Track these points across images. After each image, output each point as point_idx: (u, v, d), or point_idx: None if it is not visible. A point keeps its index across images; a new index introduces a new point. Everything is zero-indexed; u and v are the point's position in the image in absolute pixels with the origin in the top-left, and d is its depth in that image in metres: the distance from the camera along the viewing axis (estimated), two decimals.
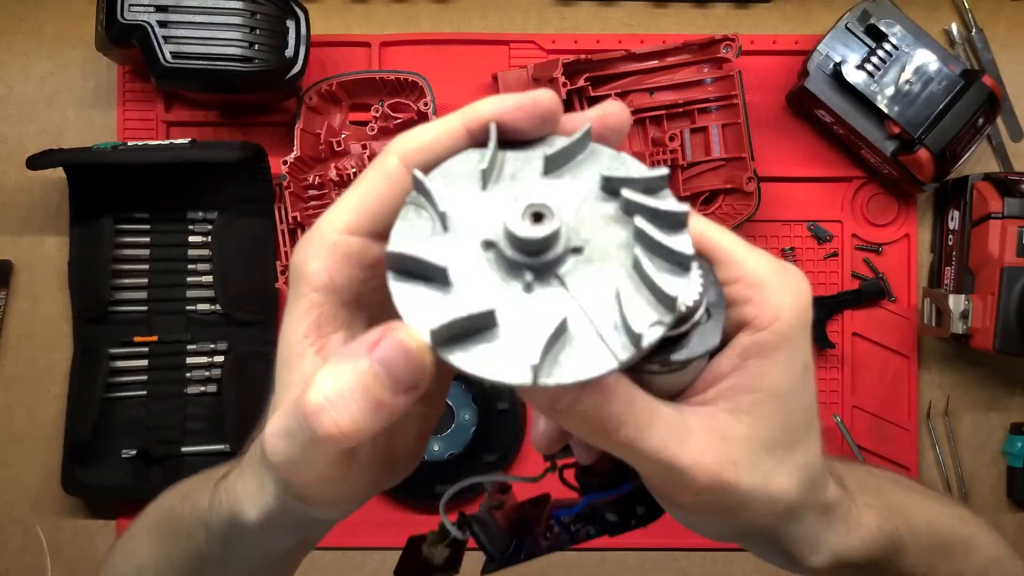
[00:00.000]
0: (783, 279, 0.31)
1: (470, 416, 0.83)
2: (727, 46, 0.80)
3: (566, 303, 0.27)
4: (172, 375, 0.83)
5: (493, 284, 0.27)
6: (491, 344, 0.26)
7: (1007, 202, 0.78)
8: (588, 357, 0.26)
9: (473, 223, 0.28)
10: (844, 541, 0.34)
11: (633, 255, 0.27)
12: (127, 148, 0.78)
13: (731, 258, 0.31)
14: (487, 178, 0.29)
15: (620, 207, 0.28)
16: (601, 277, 0.27)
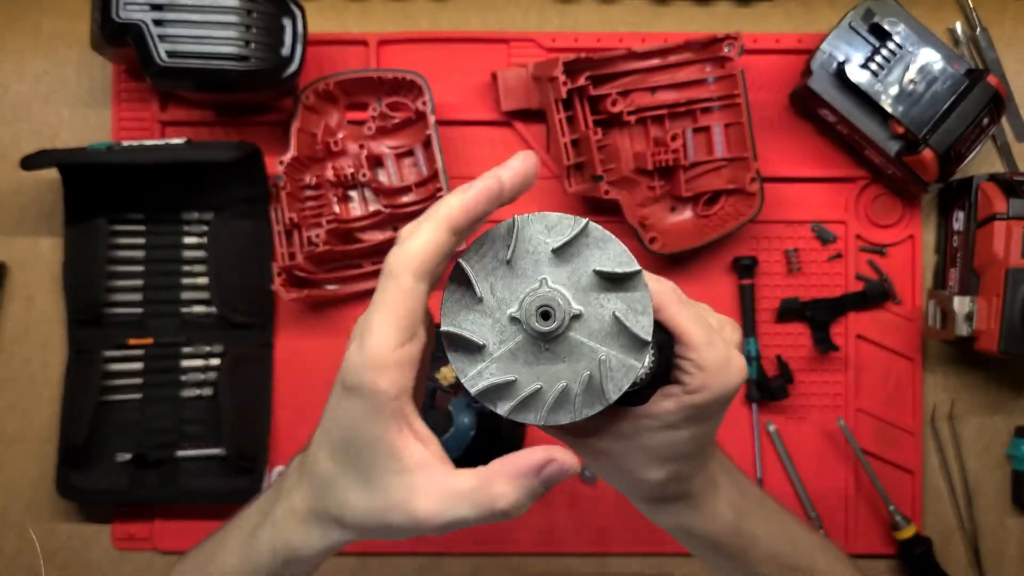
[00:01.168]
0: (721, 372, 0.44)
1: (468, 421, 0.82)
2: (729, 45, 0.79)
3: (563, 371, 0.41)
4: (167, 378, 0.82)
5: (519, 351, 0.41)
6: (517, 398, 0.41)
7: (1012, 203, 0.77)
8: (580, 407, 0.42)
9: (502, 300, 0.41)
10: (692, 519, 0.50)
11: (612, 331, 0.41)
12: (122, 148, 0.77)
13: (692, 345, 0.44)
14: (511, 263, 0.41)
15: (604, 288, 0.41)
16: (587, 347, 0.41)
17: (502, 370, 0.41)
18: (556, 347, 0.41)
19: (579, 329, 0.41)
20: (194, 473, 0.82)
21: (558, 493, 0.84)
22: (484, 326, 0.41)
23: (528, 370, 0.41)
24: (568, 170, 0.80)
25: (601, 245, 0.41)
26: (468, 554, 0.85)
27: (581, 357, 0.41)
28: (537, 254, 0.41)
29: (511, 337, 0.41)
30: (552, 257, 0.41)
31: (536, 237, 0.41)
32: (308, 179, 0.82)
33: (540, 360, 0.41)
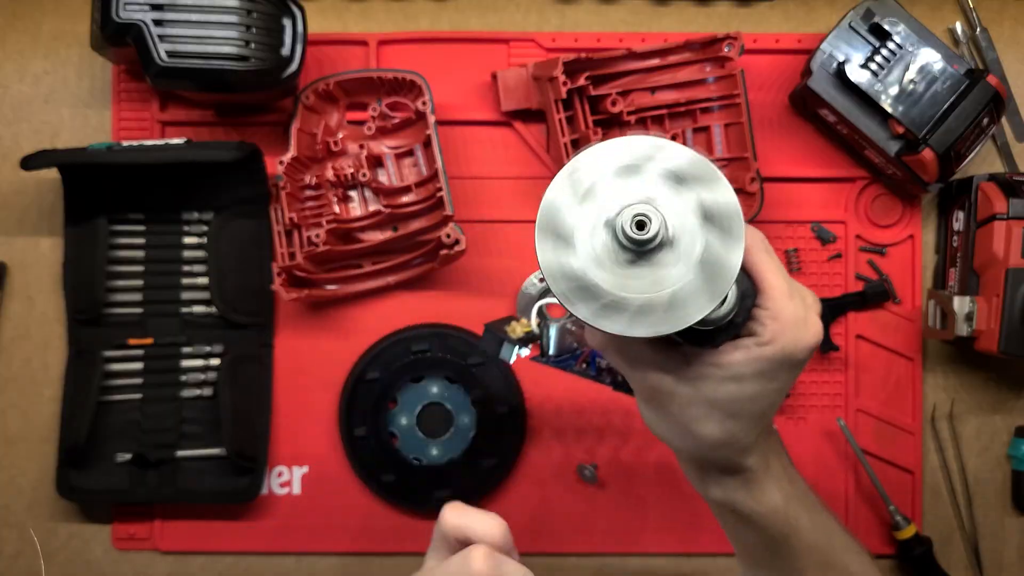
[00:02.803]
0: (797, 328, 0.44)
1: (469, 420, 0.82)
2: (729, 45, 0.79)
3: (650, 285, 0.41)
4: (167, 378, 0.82)
5: (607, 257, 0.41)
6: (596, 300, 0.41)
7: (1012, 203, 0.77)
8: (660, 322, 0.41)
9: (603, 202, 0.41)
10: (740, 496, 0.51)
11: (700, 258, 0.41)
12: (122, 148, 0.77)
13: (772, 295, 0.44)
14: (621, 174, 0.42)
15: (701, 217, 0.41)
16: (677, 266, 0.41)
17: (587, 269, 0.41)
18: (644, 262, 0.41)
19: (670, 249, 0.41)
20: (194, 473, 0.82)
21: (559, 492, 0.84)
22: (580, 223, 0.41)
23: (612, 278, 0.41)
24: None
25: (709, 180, 0.41)
26: None
27: (667, 276, 0.41)
28: (643, 172, 0.41)
29: (602, 240, 0.41)
30: (661, 179, 0.41)
31: (646, 156, 0.42)
32: (308, 179, 0.82)
33: (626, 271, 0.41)
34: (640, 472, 0.84)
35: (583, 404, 0.85)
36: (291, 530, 0.84)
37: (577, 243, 0.41)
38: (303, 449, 0.84)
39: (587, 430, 0.85)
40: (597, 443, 0.85)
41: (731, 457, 0.49)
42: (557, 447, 0.85)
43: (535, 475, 0.85)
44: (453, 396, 0.82)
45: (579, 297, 0.41)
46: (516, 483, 0.85)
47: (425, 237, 0.82)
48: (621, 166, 0.42)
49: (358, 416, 0.82)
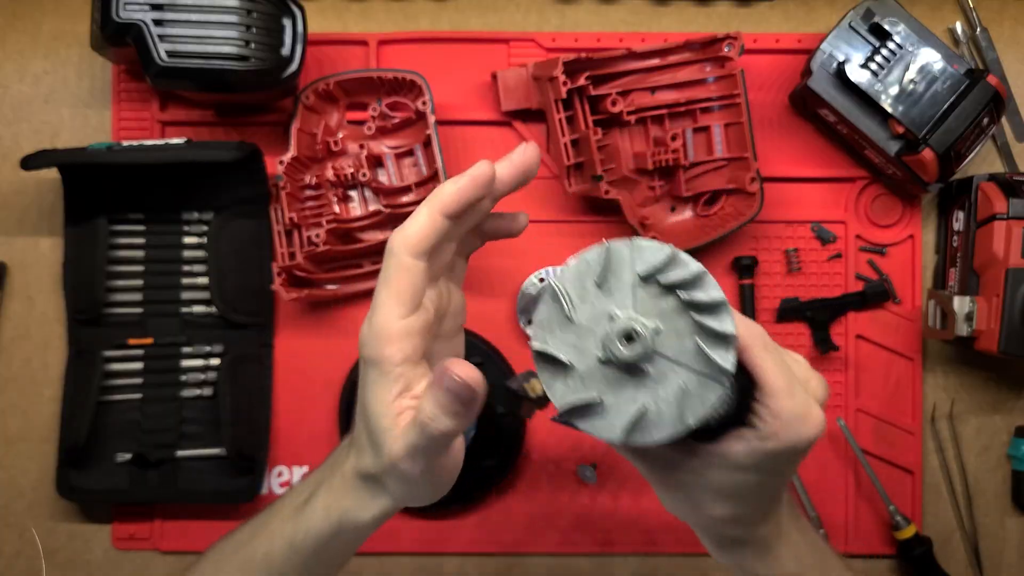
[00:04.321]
0: (797, 424, 0.44)
1: None
2: (729, 45, 0.79)
3: (645, 394, 0.42)
4: (167, 378, 0.82)
5: (604, 373, 0.42)
6: (599, 416, 0.43)
7: (1012, 203, 0.77)
8: (657, 431, 0.42)
9: (590, 323, 0.42)
10: (755, 565, 0.52)
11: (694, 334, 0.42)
12: (122, 148, 0.77)
13: (771, 393, 0.44)
14: (601, 287, 0.43)
15: (690, 316, 0.42)
16: (670, 373, 0.42)
17: (587, 389, 0.42)
18: (639, 372, 0.42)
19: (662, 356, 0.42)
20: (194, 473, 0.82)
21: (559, 493, 0.84)
22: (572, 346, 0.43)
23: (611, 391, 0.42)
24: (568, 170, 0.80)
25: (688, 274, 0.42)
26: (467, 553, 0.85)
27: (663, 383, 0.42)
28: (625, 279, 0.42)
29: (597, 359, 0.42)
30: (640, 283, 0.42)
31: (626, 263, 0.42)
32: (308, 179, 0.82)
33: (623, 382, 0.42)
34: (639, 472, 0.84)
35: None
36: None
37: (574, 366, 0.43)
38: (303, 449, 0.84)
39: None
40: (596, 443, 0.85)
41: (743, 532, 0.51)
42: (557, 447, 0.85)
43: (535, 475, 0.85)
44: None
45: (578, 415, 0.43)
46: (516, 483, 0.85)
47: None
48: (600, 277, 0.43)
49: None
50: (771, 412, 0.44)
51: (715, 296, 0.41)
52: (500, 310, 0.84)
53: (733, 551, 0.52)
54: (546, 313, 0.43)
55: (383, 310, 0.45)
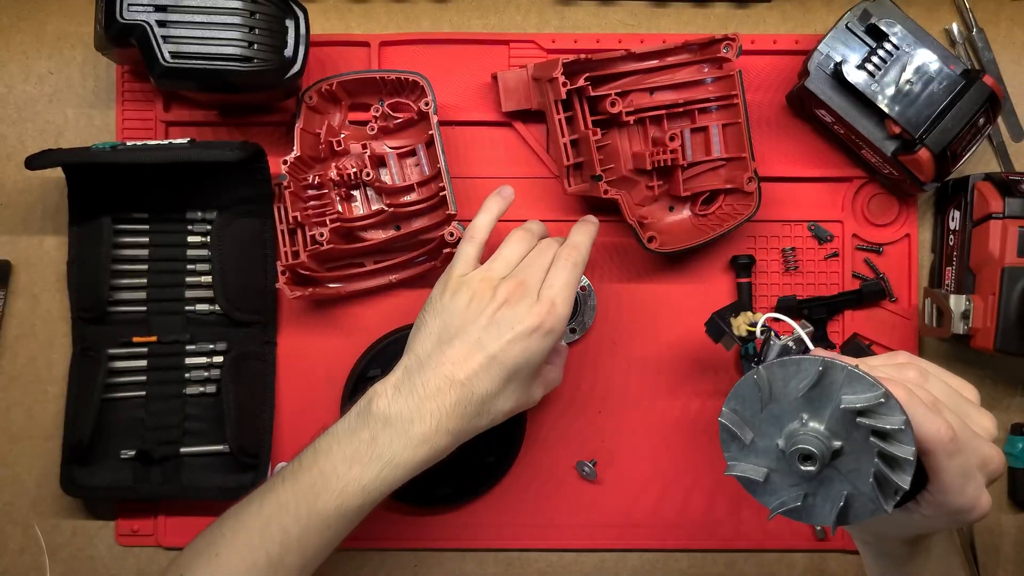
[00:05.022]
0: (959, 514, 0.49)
1: None
2: (727, 46, 0.80)
3: (808, 487, 0.48)
4: (171, 375, 0.83)
5: (776, 459, 0.48)
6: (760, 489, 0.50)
7: (1008, 202, 0.78)
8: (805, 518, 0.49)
9: (780, 411, 0.48)
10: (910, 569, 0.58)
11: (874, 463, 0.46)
12: (126, 148, 0.78)
13: (941, 489, 0.48)
14: (765, 404, 0.48)
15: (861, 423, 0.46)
16: (836, 482, 0.47)
17: (758, 465, 0.49)
18: (814, 480, 0.48)
19: (836, 469, 0.47)
20: (197, 470, 0.83)
21: (559, 489, 0.85)
22: (760, 424, 0.49)
23: (779, 474, 0.48)
24: (568, 170, 0.81)
25: (891, 425, 0.45)
26: (467, 549, 0.85)
27: (827, 485, 0.47)
28: (829, 398, 0.47)
29: (777, 446, 0.49)
30: (804, 399, 0.47)
31: (836, 385, 0.46)
32: (311, 179, 0.82)
33: (792, 473, 0.48)
34: (639, 469, 0.85)
35: (583, 401, 0.85)
36: None
37: (753, 442, 0.48)
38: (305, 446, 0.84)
39: (586, 427, 0.85)
40: (596, 440, 0.85)
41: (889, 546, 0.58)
42: (557, 444, 0.85)
43: (535, 472, 0.85)
44: None
45: (743, 482, 0.49)
46: (516, 479, 0.85)
47: (427, 236, 0.82)
48: (808, 386, 0.47)
49: None
50: (938, 503, 0.49)
51: (907, 454, 0.45)
52: None
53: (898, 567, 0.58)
54: (746, 392, 0.48)
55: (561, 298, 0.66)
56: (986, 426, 0.51)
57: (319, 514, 0.60)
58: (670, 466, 0.85)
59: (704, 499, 0.85)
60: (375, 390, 0.65)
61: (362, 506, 0.62)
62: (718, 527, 0.85)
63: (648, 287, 0.86)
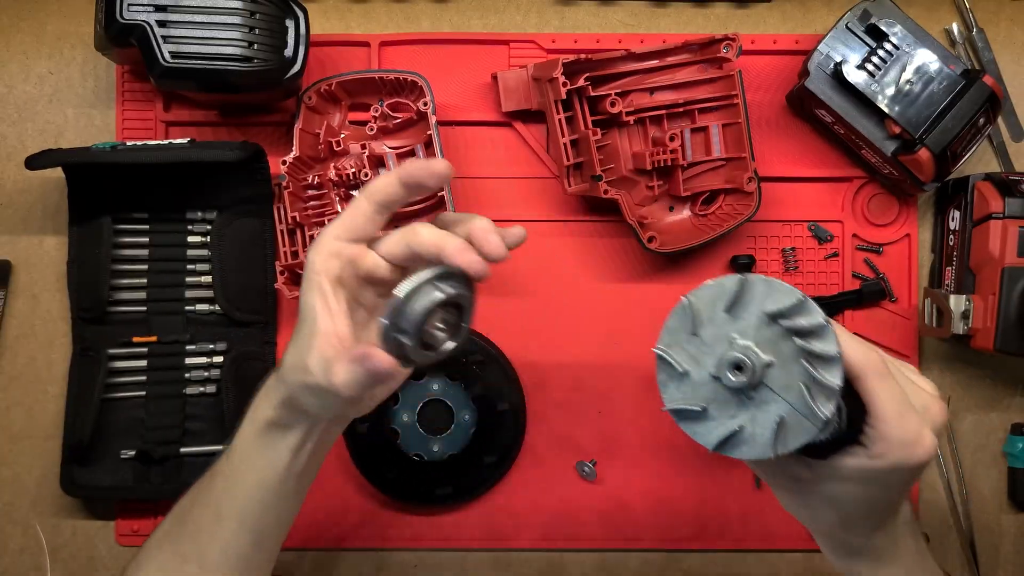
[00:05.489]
0: (905, 448, 0.48)
1: (469, 417, 0.83)
2: (727, 46, 0.80)
3: (744, 416, 0.46)
4: (171, 375, 0.83)
5: (712, 389, 0.47)
6: (699, 423, 0.47)
7: (1008, 202, 0.78)
8: (745, 451, 0.47)
9: (711, 340, 0.47)
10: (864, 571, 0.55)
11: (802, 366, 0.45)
12: (126, 148, 0.78)
13: (881, 418, 0.47)
14: (695, 329, 0.47)
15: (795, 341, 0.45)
16: (772, 403, 0.46)
17: (695, 398, 0.47)
18: (744, 395, 0.46)
19: (769, 387, 0.46)
20: (198, 469, 0.81)
21: (559, 489, 0.85)
22: (692, 357, 0.48)
23: (716, 405, 0.47)
24: (568, 170, 0.81)
25: (810, 323, 0.45)
26: (468, 549, 0.85)
27: (763, 409, 0.46)
28: (753, 312, 0.46)
29: (710, 374, 0.47)
30: (767, 320, 0.46)
31: (758, 298, 0.46)
32: (311, 179, 0.82)
33: (729, 400, 0.47)
34: (639, 469, 0.85)
35: (582, 401, 0.85)
36: (293, 526, 0.84)
37: (687, 373, 0.48)
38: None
39: (586, 427, 0.85)
40: (596, 440, 0.85)
41: (855, 538, 0.55)
42: (557, 444, 0.85)
43: (535, 471, 0.85)
44: (454, 393, 0.83)
45: (681, 418, 0.48)
46: (516, 479, 0.85)
47: None
48: (731, 304, 0.47)
49: None
50: (880, 435, 0.47)
51: (831, 350, 0.44)
52: (499, 308, 0.85)
53: (848, 558, 0.56)
54: (676, 323, 0.48)
55: (326, 231, 0.53)
56: (922, 382, 0.53)
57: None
58: (670, 466, 0.85)
59: (704, 499, 0.85)
60: None
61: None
62: (718, 527, 0.85)
63: (648, 287, 0.86)
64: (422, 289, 0.49)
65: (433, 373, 0.83)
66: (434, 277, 0.50)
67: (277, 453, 0.58)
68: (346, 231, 0.53)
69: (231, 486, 0.60)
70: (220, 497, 0.60)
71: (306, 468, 0.60)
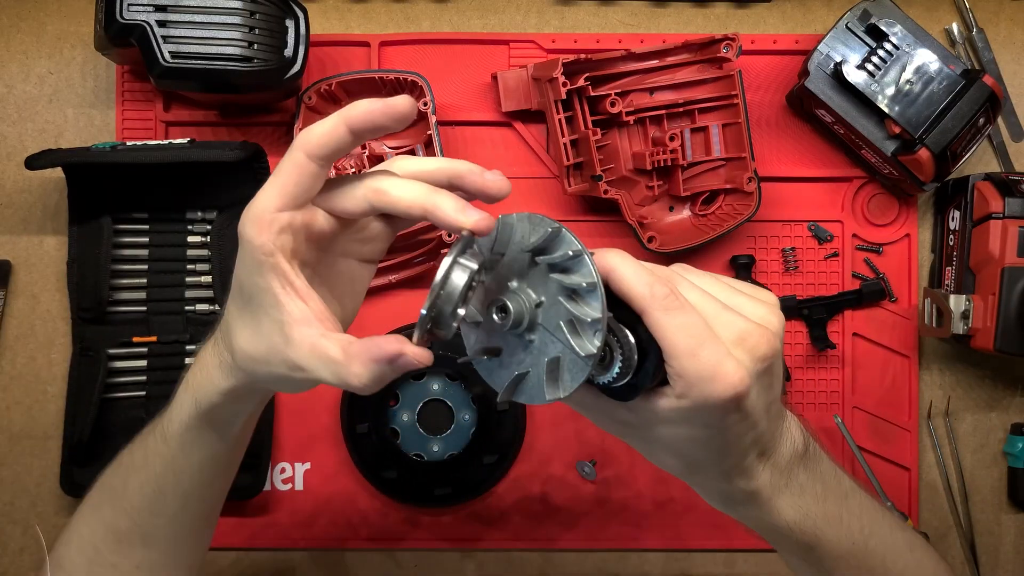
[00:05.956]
0: (704, 384, 0.43)
1: (469, 417, 0.83)
2: (727, 46, 0.80)
3: (531, 360, 0.44)
4: (171, 376, 0.83)
5: (518, 350, 0.44)
6: (494, 370, 0.46)
7: (1008, 202, 0.78)
8: (531, 395, 0.44)
9: (494, 286, 0.45)
10: (752, 513, 0.51)
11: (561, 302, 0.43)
12: (126, 148, 0.78)
13: (673, 354, 0.43)
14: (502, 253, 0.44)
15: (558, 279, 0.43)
16: (550, 344, 0.43)
17: (490, 343, 0.45)
18: (525, 339, 0.44)
19: (545, 328, 0.43)
20: None
21: (559, 489, 0.85)
22: (487, 339, 0.46)
23: (508, 351, 0.45)
24: (568, 170, 0.81)
25: (564, 254, 0.42)
26: (468, 549, 0.85)
27: (544, 352, 0.43)
28: (524, 251, 0.44)
29: (511, 343, 0.45)
30: (529, 256, 0.44)
31: (525, 236, 0.44)
32: None
33: (516, 345, 0.44)
34: (639, 469, 0.85)
35: None
36: (294, 526, 0.85)
37: (479, 323, 0.45)
38: (305, 446, 0.85)
39: (586, 427, 0.85)
40: (596, 440, 0.85)
41: (719, 483, 0.50)
42: (556, 444, 0.85)
43: (535, 471, 0.85)
44: (454, 393, 0.83)
45: (480, 366, 0.46)
46: (516, 479, 0.85)
47: (426, 236, 0.82)
48: (499, 248, 0.44)
49: (359, 413, 0.83)
50: (676, 373, 0.43)
51: (584, 281, 0.41)
52: None
53: (726, 505, 0.52)
54: (453, 277, 0.44)
55: (263, 196, 0.46)
56: (749, 310, 0.46)
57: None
58: None
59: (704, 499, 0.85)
60: None
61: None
62: (718, 527, 0.85)
63: None
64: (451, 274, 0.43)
65: (433, 373, 0.83)
66: (458, 253, 0.43)
67: (220, 434, 0.55)
68: (291, 198, 0.45)
69: (172, 468, 0.56)
70: (161, 477, 0.57)
71: (246, 432, 0.58)
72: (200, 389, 0.52)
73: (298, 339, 0.45)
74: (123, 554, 0.59)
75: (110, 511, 0.60)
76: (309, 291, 0.46)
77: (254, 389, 0.52)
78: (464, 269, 0.43)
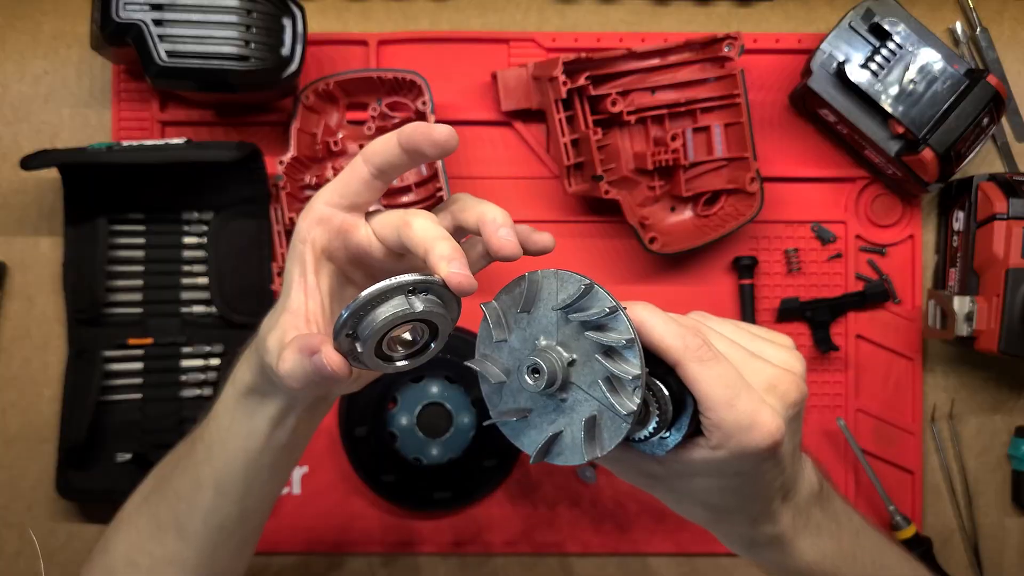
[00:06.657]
0: (742, 434, 0.43)
1: (469, 420, 0.82)
2: (729, 45, 0.79)
3: (563, 419, 0.43)
4: (167, 377, 0.82)
5: (549, 410, 0.43)
6: (524, 432, 0.44)
7: (1012, 203, 0.77)
8: (568, 456, 0.43)
9: (520, 345, 0.44)
10: (774, 557, 0.51)
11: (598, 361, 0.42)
12: (122, 148, 0.77)
13: (709, 406, 0.43)
14: (527, 313, 0.44)
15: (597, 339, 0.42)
16: (584, 403, 0.42)
17: (518, 407, 0.44)
18: (557, 398, 0.43)
19: (578, 386, 0.43)
20: None
21: (558, 492, 0.84)
22: (513, 397, 0.45)
23: (537, 412, 0.44)
24: (568, 170, 0.80)
25: (599, 311, 0.42)
26: (467, 553, 0.85)
27: (578, 411, 0.43)
28: (551, 308, 0.43)
29: (541, 405, 0.44)
30: (560, 314, 0.43)
31: (553, 293, 0.43)
32: (308, 179, 0.82)
33: (547, 405, 0.43)
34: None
35: None
36: (291, 530, 0.84)
37: (504, 383, 0.45)
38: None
39: None
40: None
41: (743, 530, 0.50)
42: None
43: (535, 475, 0.85)
44: (453, 396, 0.82)
45: (507, 429, 0.44)
46: (516, 483, 0.85)
47: None
48: (526, 305, 0.44)
49: (358, 416, 0.82)
50: (713, 424, 0.43)
51: (621, 338, 0.41)
52: None
53: (750, 550, 0.52)
54: (485, 333, 0.45)
55: (322, 189, 0.49)
56: (772, 355, 0.47)
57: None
58: None
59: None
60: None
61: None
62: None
63: (649, 289, 0.85)
64: (391, 297, 0.42)
65: (432, 375, 0.82)
66: (412, 285, 0.43)
67: (256, 422, 0.53)
68: (339, 195, 0.48)
69: (211, 453, 0.56)
70: (200, 464, 0.56)
71: (288, 444, 0.55)
72: (238, 369, 0.54)
73: (280, 324, 0.48)
74: (159, 542, 0.59)
75: (155, 498, 0.60)
76: (315, 290, 0.49)
77: (272, 384, 0.51)
78: (403, 303, 0.42)
